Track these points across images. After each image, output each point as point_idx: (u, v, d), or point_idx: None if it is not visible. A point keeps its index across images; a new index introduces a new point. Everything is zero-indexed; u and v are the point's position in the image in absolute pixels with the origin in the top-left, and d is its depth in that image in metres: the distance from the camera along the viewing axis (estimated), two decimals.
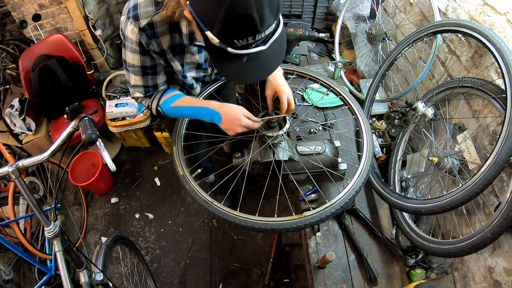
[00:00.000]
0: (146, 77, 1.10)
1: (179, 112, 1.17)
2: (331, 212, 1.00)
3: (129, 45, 1.00)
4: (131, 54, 1.02)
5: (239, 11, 0.70)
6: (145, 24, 0.94)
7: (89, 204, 2.55)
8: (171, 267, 2.19)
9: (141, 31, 0.95)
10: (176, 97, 1.16)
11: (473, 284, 1.30)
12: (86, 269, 1.14)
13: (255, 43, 0.78)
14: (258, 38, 0.77)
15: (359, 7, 2.06)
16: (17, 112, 2.29)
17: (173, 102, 1.15)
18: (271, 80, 1.18)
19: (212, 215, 1.04)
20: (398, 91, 1.78)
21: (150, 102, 1.18)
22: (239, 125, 1.09)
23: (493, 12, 1.22)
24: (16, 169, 0.98)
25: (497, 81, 1.19)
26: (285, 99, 1.15)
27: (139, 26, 0.94)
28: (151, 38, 0.98)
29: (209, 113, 1.11)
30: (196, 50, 1.14)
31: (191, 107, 1.14)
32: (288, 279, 2.03)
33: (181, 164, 1.15)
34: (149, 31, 0.96)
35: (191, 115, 1.17)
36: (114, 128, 2.39)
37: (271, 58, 0.89)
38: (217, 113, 1.10)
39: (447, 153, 1.31)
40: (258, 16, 0.71)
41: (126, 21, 0.96)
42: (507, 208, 0.98)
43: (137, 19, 0.94)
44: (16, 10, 2.50)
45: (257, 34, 0.75)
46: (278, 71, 1.20)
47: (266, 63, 0.90)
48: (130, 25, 0.95)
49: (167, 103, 1.16)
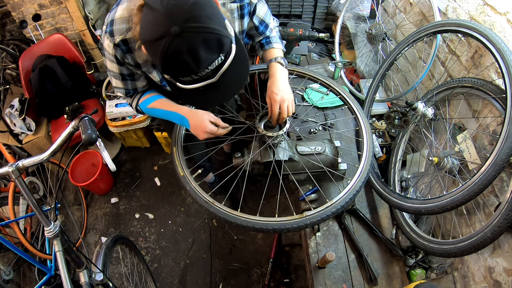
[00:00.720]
0: (125, 82, 1.14)
1: (155, 114, 1.21)
2: (332, 211, 1.01)
3: (107, 55, 1.04)
4: (109, 62, 1.06)
5: (171, 57, 0.72)
6: (119, 40, 0.97)
7: (89, 204, 2.55)
8: (171, 267, 2.19)
9: (116, 46, 0.98)
10: (154, 99, 1.19)
11: (473, 284, 1.30)
12: (86, 269, 1.14)
13: (200, 78, 0.79)
14: (202, 74, 0.77)
15: (359, 7, 2.06)
16: (17, 112, 2.29)
17: (150, 104, 1.18)
18: (269, 85, 1.15)
19: (212, 215, 1.04)
20: (398, 91, 1.78)
21: (131, 101, 1.22)
22: (203, 132, 1.11)
23: (493, 12, 1.22)
24: (16, 169, 0.98)
25: (497, 81, 1.19)
26: (276, 107, 1.11)
27: (114, 42, 0.97)
28: (126, 53, 1.01)
29: (179, 118, 1.15)
30: None
31: (164, 111, 1.17)
32: (288, 279, 2.03)
33: (182, 165, 1.15)
34: (123, 47, 0.99)
35: (166, 118, 1.19)
36: (114, 128, 2.39)
37: (231, 82, 0.88)
38: (185, 119, 1.13)
39: (447, 153, 1.31)
40: (192, 59, 0.72)
41: (104, 35, 0.99)
42: (507, 208, 0.98)
43: (112, 35, 0.97)
44: (16, 10, 2.50)
45: (198, 72, 0.76)
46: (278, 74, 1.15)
47: (226, 88, 0.89)
48: (107, 39, 0.98)
49: (145, 103, 1.19)
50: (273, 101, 1.11)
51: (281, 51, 1.25)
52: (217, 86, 0.84)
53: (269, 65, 1.19)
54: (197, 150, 1.47)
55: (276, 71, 1.15)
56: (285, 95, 1.11)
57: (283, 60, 1.19)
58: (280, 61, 1.18)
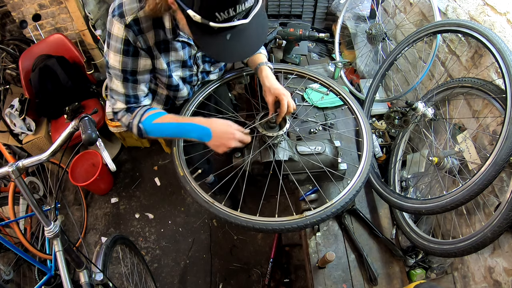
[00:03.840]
0: (126, 84, 1.08)
1: (162, 130, 1.11)
2: (332, 212, 1.01)
3: (113, 43, 1.00)
4: (113, 54, 1.02)
5: None
6: (131, 20, 0.96)
7: (89, 204, 2.55)
8: (171, 267, 2.19)
9: (127, 27, 0.96)
10: (160, 114, 1.12)
11: (473, 284, 1.30)
12: (86, 269, 1.14)
13: (236, 16, 0.79)
14: (239, 10, 0.78)
15: (359, 7, 2.06)
16: (17, 112, 2.29)
17: (156, 118, 1.10)
18: (269, 85, 1.19)
19: (212, 215, 1.04)
20: (398, 91, 1.78)
21: (132, 119, 1.11)
22: (232, 139, 1.05)
23: (493, 12, 1.22)
24: (16, 169, 0.98)
25: (497, 81, 1.19)
26: (286, 102, 1.14)
27: (125, 23, 0.96)
28: (138, 34, 0.99)
29: (198, 129, 1.07)
30: (180, 46, 1.14)
31: (177, 124, 1.10)
32: (288, 279, 2.03)
33: (182, 165, 1.15)
34: (135, 27, 0.97)
35: (176, 133, 1.12)
36: (114, 128, 2.39)
37: (254, 36, 0.90)
38: (206, 129, 1.05)
39: (447, 153, 1.31)
40: None
41: (112, 20, 0.97)
42: (507, 208, 0.98)
43: (123, 16, 0.95)
44: (16, 10, 2.50)
45: (238, 5, 0.77)
46: (271, 75, 1.22)
47: (249, 41, 0.91)
48: (116, 22, 0.96)
49: (149, 119, 1.10)
50: (282, 96, 1.14)
51: (266, 56, 1.34)
52: (242, 37, 0.87)
53: (260, 68, 1.25)
54: (196, 151, 1.47)
55: (269, 73, 1.23)
56: (287, 91, 1.17)
57: (271, 64, 1.29)
58: (270, 65, 1.27)
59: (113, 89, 1.10)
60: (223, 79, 1.42)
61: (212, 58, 1.30)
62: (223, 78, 1.42)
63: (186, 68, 1.24)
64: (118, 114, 1.14)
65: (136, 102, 1.13)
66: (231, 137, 1.06)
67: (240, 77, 1.45)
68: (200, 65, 1.28)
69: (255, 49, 0.97)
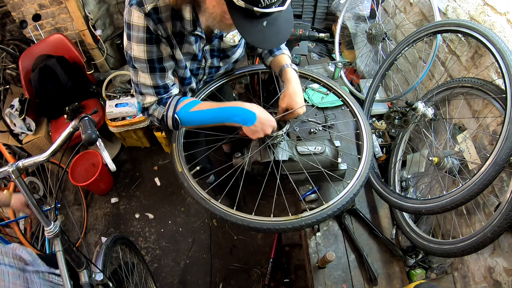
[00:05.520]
0: (154, 74, 1.06)
1: (200, 117, 1.08)
2: (328, 214, 1.00)
3: (135, 34, 0.98)
4: (136, 45, 1.00)
5: None
6: (150, 8, 0.94)
7: (89, 204, 2.55)
8: (171, 267, 2.19)
9: (147, 16, 0.95)
10: (196, 102, 1.09)
11: (473, 284, 1.30)
12: (86, 269, 1.14)
13: (275, 2, 0.84)
14: None
15: (359, 7, 2.06)
16: (17, 112, 2.29)
17: (193, 107, 1.07)
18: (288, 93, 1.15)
19: (209, 212, 1.04)
20: (398, 91, 1.78)
21: (165, 111, 1.08)
22: (270, 126, 1.08)
23: (493, 12, 1.22)
24: (16, 169, 0.98)
25: (497, 81, 1.19)
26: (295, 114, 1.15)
27: (145, 11, 0.94)
28: (157, 23, 0.98)
29: (244, 113, 1.04)
30: (194, 40, 1.12)
31: (219, 108, 1.06)
32: (288, 279, 2.03)
33: (180, 161, 1.15)
34: (155, 16, 0.96)
35: (217, 118, 1.07)
36: (114, 128, 2.39)
37: (285, 24, 0.96)
38: (252, 113, 1.04)
39: (447, 153, 1.31)
40: None
41: (130, 9, 0.95)
42: (507, 208, 0.98)
43: (142, 5, 0.94)
44: (16, 10, 2.50)
45: None
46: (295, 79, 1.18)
47: (281, 29, 0.95)
48: (135, 11, 0.94)
49: (186, 108, 1.07)
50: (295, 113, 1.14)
51: (289, 57, 1.29)
52: (276, 25, 0.91)
53: (284, 70, 1.20)
54: (199, 147, 1.47)
55: (293, 77, 1.18)
56: (302, 100, 1.15)
57: (296, 67, 1.23)
58: (295, 68, 1.21)
59: (141, 82, 1.07)
60: (226, 77, 1.42)
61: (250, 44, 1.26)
62: (226, 77, 1.42)
63: (195, 62, 1.22)
64: (150, 109, 1.11)
65: (166, 92, 1.10)
66: (272, 124, 1.08)
67: (241, 77, 1.45)
68: (208, 58, 1.26)
69: (287, 37, 0.99)
